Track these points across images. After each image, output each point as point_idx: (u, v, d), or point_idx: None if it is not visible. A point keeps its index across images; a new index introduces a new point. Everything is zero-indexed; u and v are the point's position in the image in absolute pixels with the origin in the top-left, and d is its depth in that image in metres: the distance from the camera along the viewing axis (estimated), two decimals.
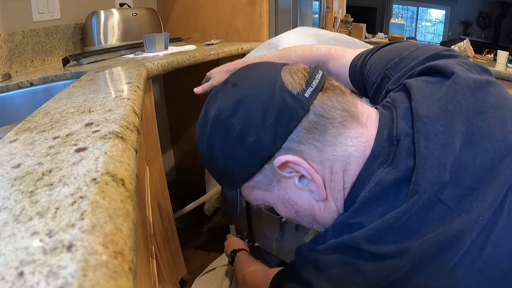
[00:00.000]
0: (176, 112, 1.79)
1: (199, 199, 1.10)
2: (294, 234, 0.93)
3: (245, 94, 0.42)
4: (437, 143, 0.36)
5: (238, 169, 0.43)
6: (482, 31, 1.77)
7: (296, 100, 0.39)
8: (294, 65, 0.44)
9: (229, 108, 0.41)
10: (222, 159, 0.44)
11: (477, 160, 0.35)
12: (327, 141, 0.40)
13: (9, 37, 1.01)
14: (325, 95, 0.41)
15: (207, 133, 0.44)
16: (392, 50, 0.54)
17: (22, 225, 0.21)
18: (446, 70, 0.42)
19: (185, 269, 1.17)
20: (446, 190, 0.34)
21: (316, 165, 0.41)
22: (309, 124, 0.40)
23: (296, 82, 0.41)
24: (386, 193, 0.37)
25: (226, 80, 0.46)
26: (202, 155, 0.47)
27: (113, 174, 0.26)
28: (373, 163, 0.39)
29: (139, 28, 1.32)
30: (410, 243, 0.33)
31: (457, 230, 0.32)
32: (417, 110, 0.39)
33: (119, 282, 0.17)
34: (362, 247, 0.35)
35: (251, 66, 0.48)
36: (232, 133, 0.41)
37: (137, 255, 0.23)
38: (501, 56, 1.66)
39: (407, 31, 2.63)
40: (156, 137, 1.00)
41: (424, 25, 2.11)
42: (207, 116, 0.44)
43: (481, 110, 0.38)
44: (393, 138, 0.39)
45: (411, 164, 0.36)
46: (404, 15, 2.43)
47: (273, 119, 0.39)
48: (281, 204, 0.46)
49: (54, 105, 0.49)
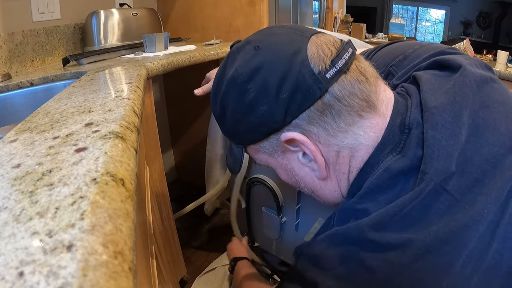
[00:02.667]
0: (176, 112, 1.79)
1: (199, 199, 1.10)
2: (294, 234, 0.93)
3: (265, 61, 0.39)
4: (444, 133, 0.35)
5: (245, 133, 0.43)
6: (482, 31, 1.78)
7: (315, 79, 0.37)
8: (324, 36, 0.41)
9: (246, 73, 0.40)
10: (232, 120, 0.43)
11: (482, 153, 0.35)
12: (339, 127, 0.39)
13: (9, 37, 1.01)
14: (348, 78, 0.38)
15: (222, 92, 0.43)
16: (395, 49, 0.54)
17: (22, 225, 0.21)
18: (453, 64, 0.42)
19: (185, 269, 1.17)
20: (452, 180, 0.33)
21: (322, 146, 0.40)
22: (323, 106, 0.38)
23: (320, 59, 0.38)
24: (393, 181, 0.36)
25: (248, 40, 0.43)
26: (213, 111, 0.47)
27: (113, 174, 0.26)
28: (382, 150, 0.39)
29: (139, 28, 1.32)
30: (415, 235, 0.32)
31: (462, 224, 0.32)
32: (426, 102, 0.39)
33: (119, 282, 0.17)
34: (366, 234, 0.34)
35: (278, 29, 0.43)
36: (245, 99, 0.40)
37: (137, 255, 0.23)
38: (501, 56, 1.66)
39: (407, 31, 2.63)
40: (156, 137, 1.00)
41: (424, 25, 2.11)
42: (224, 74, 0.43)
43: (486, 104, 0.38)
44: (405, 127, 0.39)
45: (419, 153, 0.36)
46: (404, 15, 2.43)
47: (287, 94, 0.38)
48: (283, 171, 0.47)
49: (54, 105, 0.49)
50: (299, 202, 0.88)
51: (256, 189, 0.97)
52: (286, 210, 0.92)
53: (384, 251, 0.33)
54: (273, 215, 0.94)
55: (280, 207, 0.91)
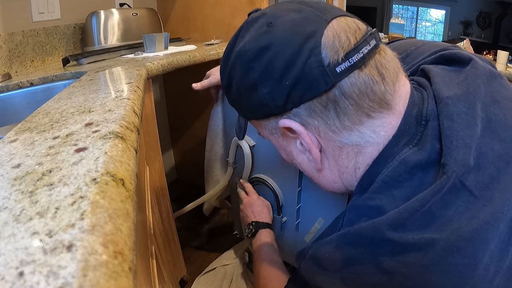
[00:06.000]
0: (176, 112, 1.79)
1: (198, 199, 1.10)
2: (294, 234, 0.93)
3: (274, 42, 0.36)
4: (461, 123, 0.34)
5: (247, 109, 0.43)
6: (482, 31, 1.77)
7: (322, 72, 0.34)
8: (346, 21, 0.36)
9: (254, 50, 0.38)
10: (237, 93, 0.42)
11: (496, 149, 0.33)
12: (343, 125, 0.37)
13: (9, 37, 1.01)
14: (362, 75, 0.35)
15: (230, 64, 0.42)
16: (398, 46, 0.53)
17: (22, 225, 0.21)
18: (463, 57, 0.41)
19: (185, 269, 1.17)
20: (470, 175, 0.31)
21: (322, 140, 0.39)
22: (327, 101, 0.35)
23: (334, 49, 0.34)
24: (410, 175, 0.34)
25: (264, 12, 0.40)
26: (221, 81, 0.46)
27: (113, 174, 0.26)
28: (398, 142, 0.36)
29: (139, 28, 1.32)
30: (438, 234, 0.30)
31: (485, 222, 0.30)
32: (439, 93, 0.37)
33: (119, 282, 0.17)
34: (384, 234, 0.31)
35: (298, 5, 0.39)
36: (250, 76, 0.38)
37: (137, 255, 0.23)
38: (501, 56, 1.66)
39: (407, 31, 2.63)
40: (156, 137, 1.00)
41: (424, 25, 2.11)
42: (235, 45, 0.42)
43: (497, 99, 0.37)
44: (422, 118, 0.36)
45: (437, 147, 0.34)
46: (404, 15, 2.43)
47: (290, 81, 0.35)
48: (283, 151, 0.46)
49: (54, 105, 0.49)
50: (299, 202, 0.88)
51: (256, 189, 0.97)
52: (286, 210, 0.92)
53: (403, 253, 0.30)
54: (273, 215, 0.94)
55: (280, 207, 0.91)
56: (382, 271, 0.31)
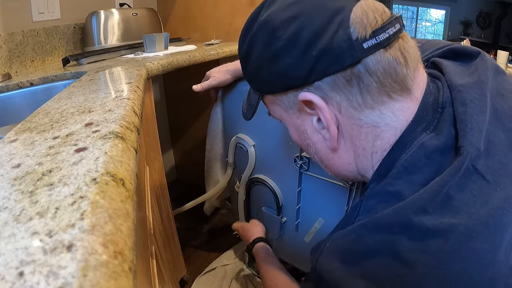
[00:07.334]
0: (176, 112, 1.79)
1: (198, 198, 1.10)
2: (294, 234, 0.93)
3: (304, 11, 0.36)
4: (474, 108, 0.34)
5: (265, 81, 0.42)
6: (482, 31, 1.77)
7: (349, 45, 0.34)
8: (374, 3, 0.37)
9: (281, 20, 0.37)
10: (255, 64, 0.41)
11: (501, 137, 0.34)
12: (365, 102, 0.37)
13: (9, 37, 1.01)
14: (387, 55, 0.35)
15: (252, 32, 0.41)
16: None
17: (22, 225, 0.21)
18: (472, 51, 0.42)
19: (185, 269, 1.17)
20: (480, 159, 0.31)
21: (342, 117, 0.38)
22: (352, 76, 0.35)
23: (362, 25, 0.35)
24: (429, 160, 0.34)
25: None
26: (239, 50, 0.45)
27: (113, 174, 0.26)
28: (415, 128, 0.36)
29: (139, 28, 1.32)
30: (456, 219, 0.29)
31: (499, 207, 0.30)
32: (451, 81, 0.38)
33: (119, 282, 0.17)
34: (406, 218, 0.31)
35: None
36: (272, 46, 0.38)
37: (137, 255, 0.23)
38: (501, 56, 1.66)
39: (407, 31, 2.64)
40: (156, 137, 1.00)
41: (424, 25, 2.11)
42: (259, 15, 0.41)
43: (501, 92, 0.38)
44: (438, 105, 0.37)
45: (453, 132, 0.34)
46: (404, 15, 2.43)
47: (316, 52, 0.35)
48: (295, 130, 0.45)
49: (54, 105, 0.49)
50: (299, 202, 0.88)
51: (256, 189, 0.97)
52: (286, 210, 0.92)
53: (423, 240, 0.30)
54: (273, 215, 0.94)
55: (280, 207, 0.91)
56: (402, 263, 0.30)
